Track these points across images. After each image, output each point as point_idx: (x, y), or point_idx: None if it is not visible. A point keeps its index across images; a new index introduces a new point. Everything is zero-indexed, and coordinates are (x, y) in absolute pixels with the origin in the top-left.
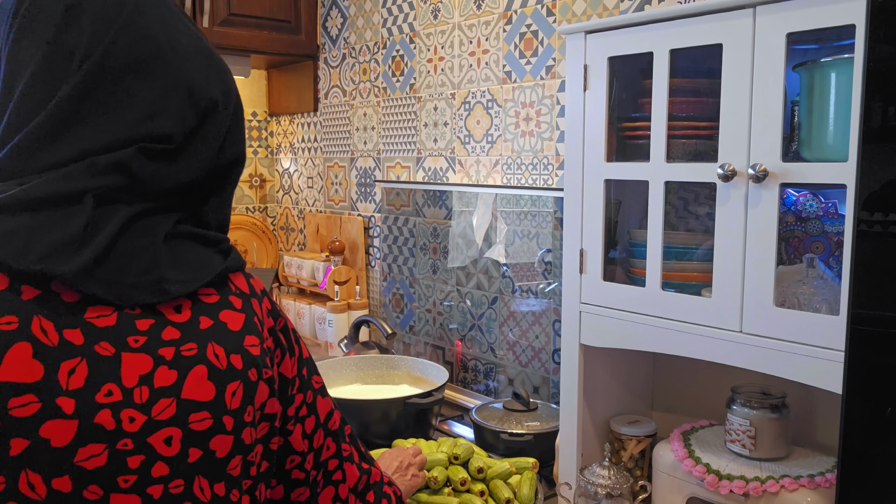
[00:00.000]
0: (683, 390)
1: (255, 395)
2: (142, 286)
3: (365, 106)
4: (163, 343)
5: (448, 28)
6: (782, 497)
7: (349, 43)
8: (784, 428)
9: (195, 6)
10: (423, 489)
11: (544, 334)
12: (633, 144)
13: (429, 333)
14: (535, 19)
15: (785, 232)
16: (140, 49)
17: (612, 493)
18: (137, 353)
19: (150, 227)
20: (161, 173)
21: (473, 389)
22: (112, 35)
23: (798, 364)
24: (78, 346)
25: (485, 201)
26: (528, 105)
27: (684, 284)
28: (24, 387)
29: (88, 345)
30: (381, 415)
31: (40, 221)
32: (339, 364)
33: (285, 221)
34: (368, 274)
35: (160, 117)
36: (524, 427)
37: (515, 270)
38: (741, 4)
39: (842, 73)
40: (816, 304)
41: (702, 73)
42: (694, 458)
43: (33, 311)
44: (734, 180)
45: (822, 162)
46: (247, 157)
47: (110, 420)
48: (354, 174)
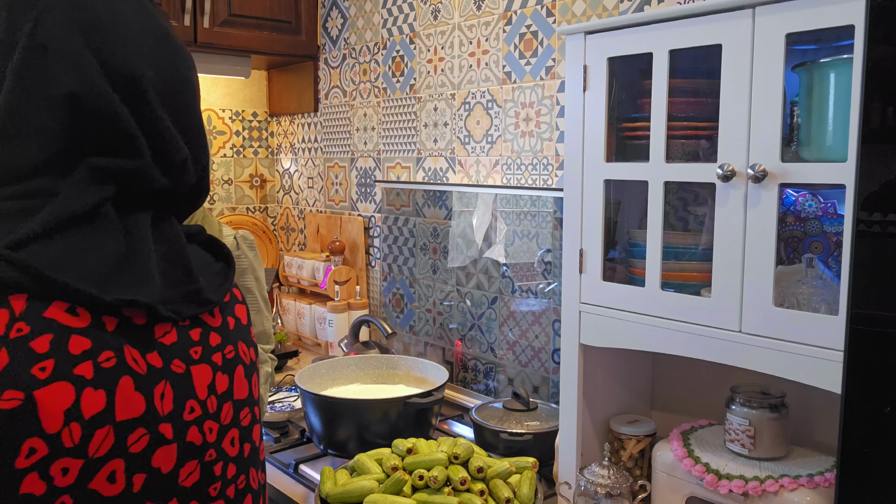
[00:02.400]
0: (683, 390)
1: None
2: (189, 299)
3: (365, 106)
4: (212, 350)
5: (448, 28)
6: (781, 496)
7: (349, 43)
8: (783, 427)
9: (195, 6)
10: (422, 489)
11: (544, 334)
12: (633, 145)
13: (429, 333)
14: (535, 20)
15: (784, 232)
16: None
17: (612, 492)
18: (199, 364)
19: (169, 234)
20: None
21: (473, 389)
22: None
23: (797, 364)
24: (160, 370)
25: (485, 201)
26: (528, 105)
27: (684, 284)
28: (136, 421)
29: (166, 365)
30: (381, 415)
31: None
32: (339, 364)
33: (286, 221)
34: (368, 274)
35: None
36: (524, 427)
37: (515, 270)
38: (740, 5)
39: (841, 74)
40: (816, 304)
41: (701, 73)
42: (693, 457)
43: (122, 342)
44: (733, 180)
45: (821, 162)
46: (248, 157)
47: (198, 435)
48: (355, 174)
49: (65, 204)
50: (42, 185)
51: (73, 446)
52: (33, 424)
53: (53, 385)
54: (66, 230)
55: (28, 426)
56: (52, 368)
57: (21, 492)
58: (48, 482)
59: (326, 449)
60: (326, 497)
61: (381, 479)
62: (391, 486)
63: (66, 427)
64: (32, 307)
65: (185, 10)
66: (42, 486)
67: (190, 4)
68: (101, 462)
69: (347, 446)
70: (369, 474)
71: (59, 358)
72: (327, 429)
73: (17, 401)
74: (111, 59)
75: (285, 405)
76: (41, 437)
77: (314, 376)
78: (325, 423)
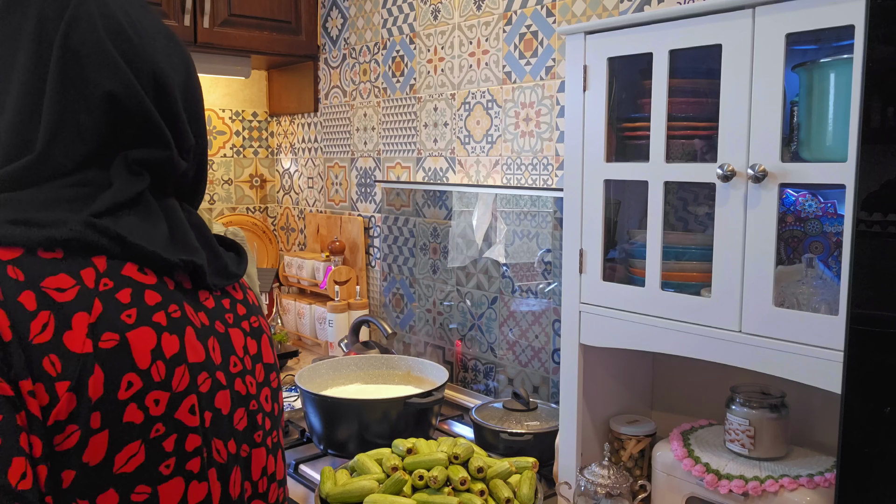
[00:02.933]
0: (683, 390)
1: None
2: (221, 273)
3: (365, 106)
4: (241, 318)
5: (448, 28)
6: (781, 496)
7: (349, 43)
8: (783, 427)
9: (195, 6)
10: (422, 489)
11: (544, 334)
12: (633, 145)
13: (429, 333)
14: (535, 20)
15: (784, 232)
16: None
17: (612, 492)
18: (234, 328)
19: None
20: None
21: (473, 389)
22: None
23: (797, 364)
24: (209, 327)
25: (485, 201)
26: (528, 105)
27: (684, 284)
28: (200, 365)
29: (211, 324)
30: (381, 415)
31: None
32: (339, 364)
33: (286, 221)
34: (368, 274)
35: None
36: (524, 427)
37: (515, 270)
38: (740, 5)
39: (841, 74)
40: (815, 303)
41: (701, 73)
42: (693, 457)
43: (181, 299)
44: (733, 180)
45: (821, 162)
46: (248, 157)
47: (242, 386)
48: (355, 174)
49: (118, 191)
50: (92, 176)
51: (161, 381)
52: (128, 362)
53: (139, 329)
54: (121, 211)
55: (125, 363)
56: (136, 315)
57: (124, 420)
58: (145, 412)
59: (326, 449)
60: (326, 497)
61: (381, 479)
62: (391, 486)
63: (153, 364)
64: (112, 266)
65: (185, 10)
66: (140, 415)
67: (190, 4)
68: (182, 396)
69: (347, 446)
70: (369, 474)
71: (139, 307)
72: (327, 429)
73: (114, 341)
74: (136, 60)
75: (285, 405)
76: (136, 372)
77: (314, 376)
78: (325, 423)
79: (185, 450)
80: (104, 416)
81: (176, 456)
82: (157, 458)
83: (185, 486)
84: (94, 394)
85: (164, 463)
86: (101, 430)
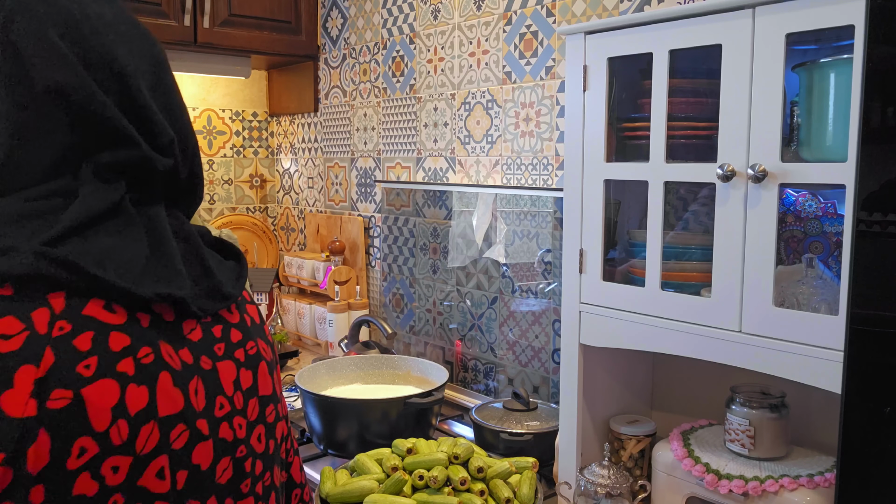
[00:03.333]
0: (683, 390)
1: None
2: (211, 295)
3: (365, 106)
4: (234, 346)
5: (448, 28)
6: (781, 496)
7: (349, 43)
8: (783, 427)
9: (195, 6)
10: (423, 489)
11: (544, 334)
12: (633, 145)
13: (429, 333)
14: (535, 20)
15: (784, 232)
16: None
17: (612, 492)
18: (224, 360)
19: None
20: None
21: (473, 389)
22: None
23: (797, 364)
24: (191, 366)
25: (485, 201)
26: (528, 105)
27: (684, 284)
28: (176, 417)
29: (196, 362)
30: (381, 415)
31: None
32: (339, 364)
33: (286, 221)
34: (368, 274)
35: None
36: (524, 427)
37: (515, 270)
38: (741, 5)
39: (841, 74)
40: (816, 304)
41: (701, 73)
42: (693, 457)
43: (157, 338)
44: (733, 180)
45: (821, 162)
46: (248, 157)
47: (229, 432)
48: (355, 174)
49: (86, 202)
50: (62, 185)
51: (122, 444)
52: (83, 423)
53: (99, 382)
54: (93, 227)
55: (78, 425)
56: (97, 366)
57: (74, 493)
58: (100, 482)
59: (326, 449)
60: (326, 497)
61: (381, 479)
62: (391, 486)
63: (113, 424)
64: (71, 305)
65: (185, 10)
66: (94, 486)
67: (190, 4)
68: (148, 458)
69: (347, 446)
70: (369, 474)
71: (101, 355)
72: (327, 429)
73: (66, 400)
74: (89, 52)
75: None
76: (91, 435)
77: (314, 376)
78: (325, 423)
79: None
80: (48, 490)
81: None
82: None
83: None
84: (35, 465)
85: None
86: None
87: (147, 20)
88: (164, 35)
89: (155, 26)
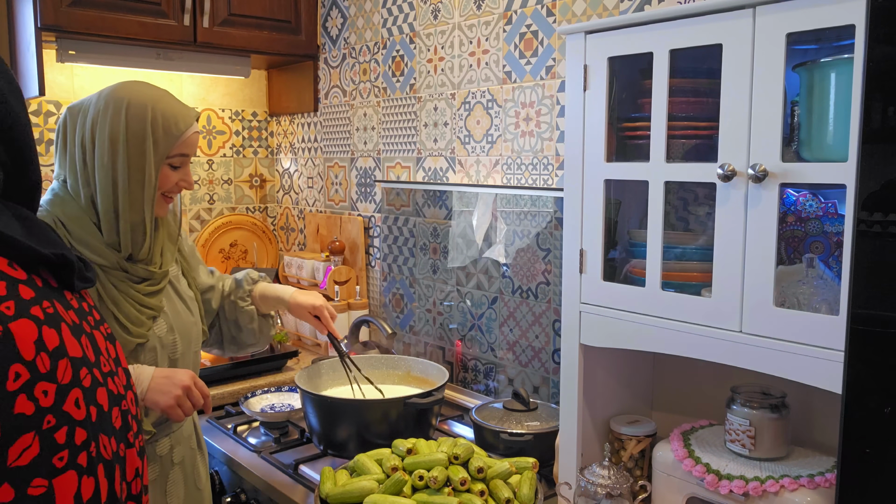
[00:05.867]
0: (683, 390)
1: None
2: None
3: (365, 106)
4: (99, 322)
5: (448, 28)
6: (782, 497)
7: (349, 43)
8: (784, 428)
9: (195, 6)
10: (423, 489)
11: (544, 334)
12: (633, 144)
13: (429, 333)
14: (535, 19)
15: (785, 232)
16: None
17: (612, 492)
18: (96, 330)
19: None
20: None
21: (473, 389)
22: None
23: (798, 364)
24: (79, 326)
25: (485, 201)
26: (528, 105)
27: (684, 284)
28: (80, 360)
29: (81, 323)
30: (381, 415)
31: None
32: (339, 364)
33: (285, 221)
34: (368, 274)
35: None
36: (524, 427)
37: (515, 270)
38: (741, 4)
39: (841, 74)
40: (816, 303)
41: (702, 73)
42: (694, 457)
43: (51, 296)
44: (734, 180)
45: (821, 162)
46: (247, 157)
47: (114, 386)
48: (354, 174)
49: None
50: None
51: (46, 372)
52: (14, 352)
53: (20, 321)
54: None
55: (11, 353)
56: (15, 308)
57: (15, 412)
58: (35, 402)
59: (326, 449)
60: (326, 497)
61: (381, 480)
62: (391, 487)
63: (37, 356)
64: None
65: (185, 10)
66: (31, 406)
67: (190, 4)
68: (67, 388)
69: (347, 446)
70: (369, 474)
71: (16, 300)
72: (327, 429)
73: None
74: None
75: (285, 405)
76: (21, 363)
77: (314, 376)
78: (325, 424)
79: (75, 443)
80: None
81: (68, 448)
82: (51, 450)
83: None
84: None
85: (57, 455)
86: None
87: (147, 20)
88: (163, 35)
89: (155, 26)
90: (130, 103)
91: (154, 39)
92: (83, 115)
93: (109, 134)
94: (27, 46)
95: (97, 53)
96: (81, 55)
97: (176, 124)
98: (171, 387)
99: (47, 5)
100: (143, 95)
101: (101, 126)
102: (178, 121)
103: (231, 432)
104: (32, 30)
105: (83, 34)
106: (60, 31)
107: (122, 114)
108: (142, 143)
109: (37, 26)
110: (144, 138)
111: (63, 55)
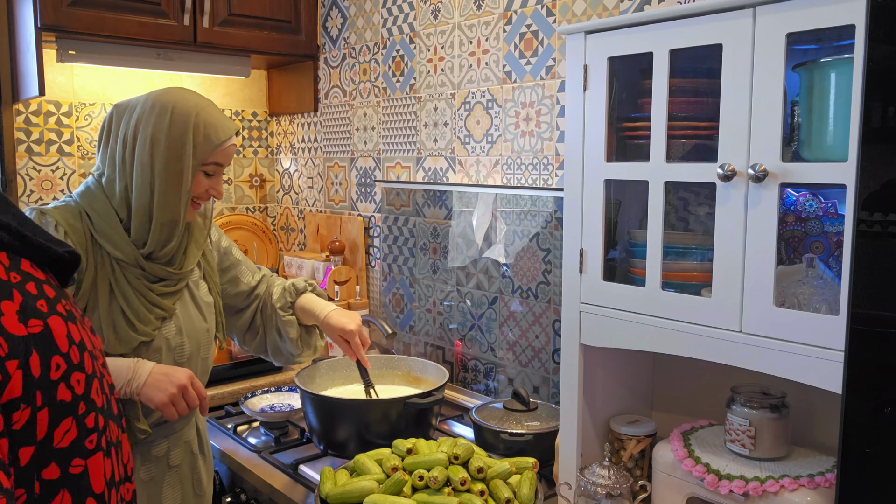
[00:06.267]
0: (683, 390)
1: None
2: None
3: (365, 106)
4: (82, 314)
5: (448, 28)
6: (782, 497)
7: (349, 43)
8: (784, 428)
9: (195, 6)
10: (423, 489)
11: (544, 334)
12: (633, 144)
13: (429, 333)
14: (535, 19)
15: (785, 232)
16: None
17: (612, 492)
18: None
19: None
20: None
21: (473, 389)
22: None
23: (798, 364)
24: (81, 319)
25: (485, 201)
26: (528, 105)
27: (684, 284)
28: (91, 353)
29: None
30: (380, 415)
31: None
32: (339, 364)
33: (285, 221)
34: (368, 274)
35: None
36: (524, 427)
37: (515, 270)
38: (741, 4)
39: (841, 73)
40: (816, 303)
41: (702, 73)
42: (694, 457)
43: (62, 295)
44: (734, 180)
45: (821, 162)
46: (247, 156)
47: (90, 367)
48: (354, 174)
49: None
50: None
51: (78, 363)
52: (53, 345)
53: (52, 317)
54: None
55: (51, 346)
56: (47, 306)
57: (58, 398)
58: (71, 391)
59: (326, 449)
60: (326, 497)
61: (381, 480)
62: (391, 487)
63: (70, 348)
64: (13, 261)
65: (185, 10)
66: (69, 394)
67: (190, 4)
68: (91, 378)
69: (347, 446)
70: (369, 474)
71: (45, 299)
72: (327, 429)
73: (40, 326)
74: None
75: (285, 405)
76: (60, 355)
77: (314, 376)
78: (325, 424)
79: (99, 427)
80: (44, 395)
81: (96, 432)
82: (84, 434)
83: (102, 462)
84: (35, 373)
85: (88, 438)
86: (42, 407)
87: (147, 20)
88: (163, 35)
89: (155, 26)
90: (176, 107)
91: (154, 39)
92: (129, 113)
93: (152, 134)
94: (27, 46)
95: (97, 53)
96: (81, 55)
97: (216, 133)
98: (167, 384)
99: (47, 5)
100: (188, 102)
101: (145, 125)
102: (218, 130)
103: (231, 432)
104: (32, 30)
105: (83, 34)
106: (60, 31)
107: (167, 116)
108: (181, 146)
109: (37, 26)
110: (185, 142)
111: (63, 55)
